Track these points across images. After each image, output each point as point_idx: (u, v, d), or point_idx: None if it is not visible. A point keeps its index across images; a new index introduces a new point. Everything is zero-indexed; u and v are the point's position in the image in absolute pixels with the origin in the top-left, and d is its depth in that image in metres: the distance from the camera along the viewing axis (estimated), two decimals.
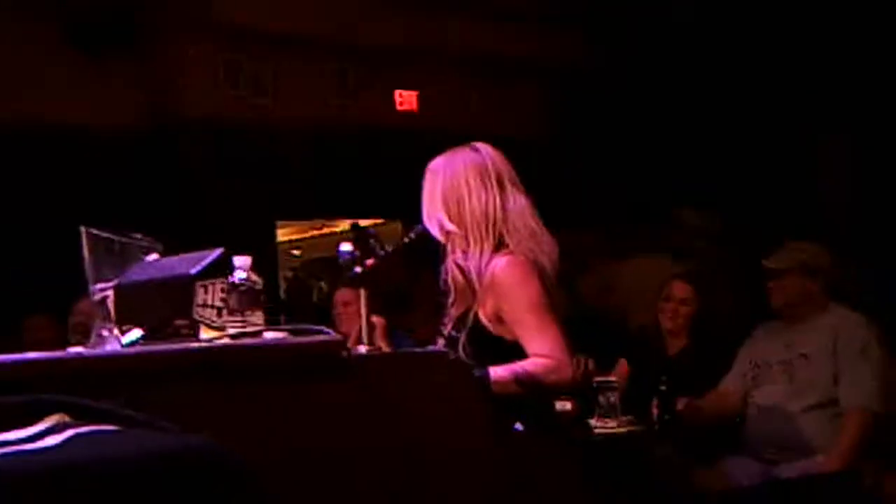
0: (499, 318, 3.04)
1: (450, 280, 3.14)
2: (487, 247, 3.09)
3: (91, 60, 6.91)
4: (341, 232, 9.01)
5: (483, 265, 3.07)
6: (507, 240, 3.10)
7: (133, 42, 7.06)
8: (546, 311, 3.03)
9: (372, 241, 3.07)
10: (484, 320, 3.06)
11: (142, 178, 6.93)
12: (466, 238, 3.10)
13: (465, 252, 3.11)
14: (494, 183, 3.13)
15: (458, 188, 3.12)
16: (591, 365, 4.65)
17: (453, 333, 3.12)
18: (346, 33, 7.64)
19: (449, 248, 3.15)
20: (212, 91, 7.45)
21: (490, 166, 3.15)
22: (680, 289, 5.04)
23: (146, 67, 7.22)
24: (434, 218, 3.14)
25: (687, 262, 6.20)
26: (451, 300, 3.17)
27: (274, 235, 8.29)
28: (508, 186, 3.14)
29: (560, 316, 3.08)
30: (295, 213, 8.50)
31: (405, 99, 8.12)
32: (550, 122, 8.24)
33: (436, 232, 3.14)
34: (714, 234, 6.63)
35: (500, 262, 3.05)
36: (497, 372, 2.96)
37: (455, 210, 3.11)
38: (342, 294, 5.21)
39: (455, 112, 8.06)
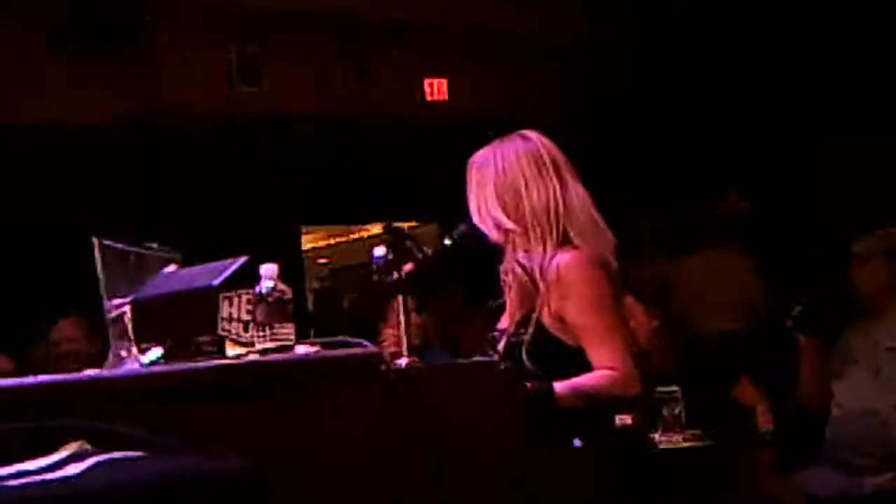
0: (562, 321, 3.01)
1: (510, 281, 3.11)
2: (551, 243, 3.05)
3: (77, 55, 6.93)
4: (369, 237, 9.03)
5: (547, 262, 3.03)
6: (571, 234, 3.06)
7: (122, 33, 7.06)
8: (613, 315, 3.00)
9: (409, 243, 3.04)
10: (547, 322, 3.02)
11: (142, 180, 6.94)
12: (527, 235, 3.06)
13: (526, 251, 3.07)
14: (552, 173, 3.09)
15: (514, 181, 3.07)
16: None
17: (513, 339, 3.08)
18: (366, 14, 7.64)
19: (509, 247, 3.11)
20: (217, 83, 7.45)
21: (545, 155, 3.10)
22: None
23: (136, 60, 7.23)
24: (488, 216, 3.09)
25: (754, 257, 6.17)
26: (510, 304, 3.14)
27: (299, 243, 8.31)
28: (567, 176, 3.11)
29: (624, 319, 3.06)
30: (320, 218, 8.51)
31: (435, 88, 8.11)
32: (577, 105, 8.21)
33: (491, 231, 3.10)
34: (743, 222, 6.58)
35: (565, 258, 3.01)
36: (561, 387, 2.92)
37: (512, 205, 3.07)
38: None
39: (488, 100, 8.05)
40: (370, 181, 7.67)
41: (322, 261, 10.46)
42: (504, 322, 3.17)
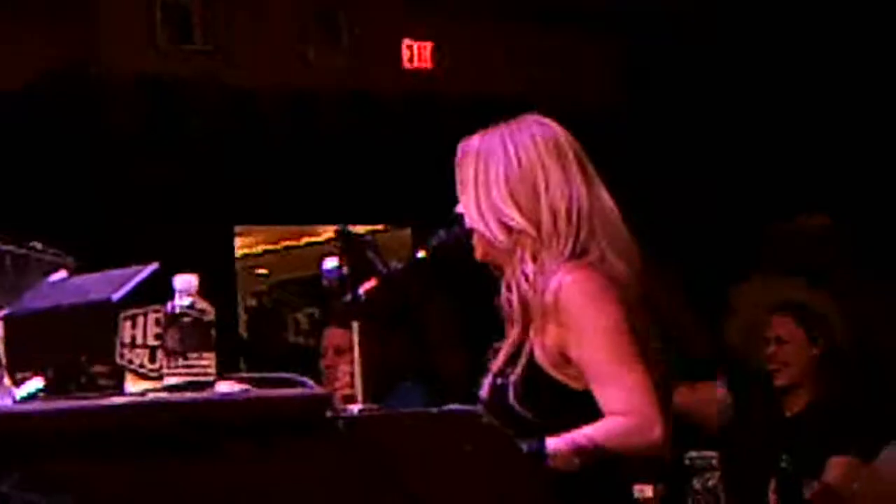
0: (563, 357, 3.05)
1: (515, 301, 3.13)
2: (564, 254, 3.09)
3: None
4: (325, 242, 9.02)
5: (547, 280, 3.06)
6: (592, 246, 3.11)
7: None
8: (628, 347, 3.04)
9: (370, 253, 3.04)
10: (541, 358, 3.06)
11: (27, 158, 6.93)
12: (539, 241, 3.10)
13: (535, 261, 3.09)
14: (577, 168, 3.14)
15: (531, 172, 3.11)
16: None
17: (499, 380, 3.12)
18: None
19: (517, 257, 3.12)
20: (145, 44, 7.46)
21: (568, 145, 3.16)
22: (779, 324, 5.04)
23: (58, 14, 7.25)
24: (491, 212, 3.12)
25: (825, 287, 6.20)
26: (508, 332, 3.17)
27: (231, 247, 8.30)
28: (593, 175, 3.16)
29: (650, 358, 3.08)
30: (260, 216, 8.51)
31: (416, 53, 8.12)
32: (618, 84, 8.23)
33: (494, 233, 3.12)
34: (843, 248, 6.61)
35: (567, 279, 3.05)
36: (556, 443, 2.95)
37: (527, 204, 3.10)
38: (334, 336, 5.08)
39: (482, 70, 8.06)
40: (325, 170, 7.67)
41: (260, 271, 10.45)
42: (496, 357, 3.19)
